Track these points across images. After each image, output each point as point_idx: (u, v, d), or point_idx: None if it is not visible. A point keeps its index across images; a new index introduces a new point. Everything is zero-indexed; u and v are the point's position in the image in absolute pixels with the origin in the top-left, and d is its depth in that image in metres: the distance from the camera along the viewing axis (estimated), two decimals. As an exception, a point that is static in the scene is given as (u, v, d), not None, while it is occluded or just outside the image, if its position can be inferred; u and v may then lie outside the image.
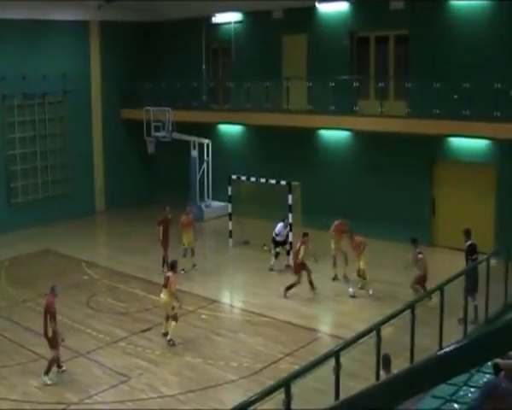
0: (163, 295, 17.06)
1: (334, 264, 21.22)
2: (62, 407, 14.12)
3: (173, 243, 22.49)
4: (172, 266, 17.55)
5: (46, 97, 29.52)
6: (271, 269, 22.00)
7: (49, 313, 15.20)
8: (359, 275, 20.01)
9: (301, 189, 23.38)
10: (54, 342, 15.23)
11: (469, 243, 17.46)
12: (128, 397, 14.38)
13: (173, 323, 16.81)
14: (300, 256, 19.64)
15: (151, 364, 15.82)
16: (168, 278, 17.09)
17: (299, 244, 19.96)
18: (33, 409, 14.08)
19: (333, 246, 21.35)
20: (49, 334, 15.17)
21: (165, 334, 17.03)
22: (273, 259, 22.14)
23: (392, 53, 25.32)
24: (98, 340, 17.30)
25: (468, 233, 17.68)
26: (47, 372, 15.12)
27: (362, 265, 19.92)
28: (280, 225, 22.09)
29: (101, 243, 24.28)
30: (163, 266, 21.80)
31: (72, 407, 14.13)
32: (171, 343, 16.67)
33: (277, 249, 22.11)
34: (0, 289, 21.59)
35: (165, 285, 17.01)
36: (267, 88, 26.76)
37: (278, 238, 22.04)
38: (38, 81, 28.87)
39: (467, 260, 17.18)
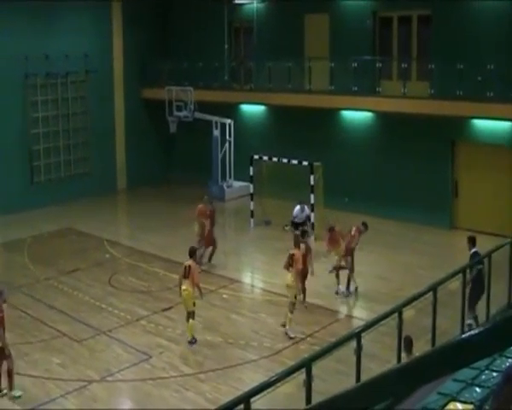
0: (186, 287, 15.66)
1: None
2: (84, 384, 14.22)
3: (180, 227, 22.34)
4: (192, 254, 16.16)
5: (68, 77, 29.61)
6: None
7: None
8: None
9: (323, 169, 23.31)
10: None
11: (474, 250, 15.65)
12: (149, 375, 14.46)
13: (191, 321, 15.80)
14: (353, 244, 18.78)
15: (172, 343, 15.89)
16: (189, 267, 15.71)
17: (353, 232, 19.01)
18: (55, 386, 14.19)
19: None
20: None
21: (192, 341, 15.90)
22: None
23: (415, 33, 25.08)
24: (119, 318, 17.41)
25: (473, 241, 15.86)
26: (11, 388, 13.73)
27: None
28: (297, 208, 21.79)
29: (123, 222, 24.41)
30: (209, 260, 21.17)
31: (94, 384, 14.22)
32: (194, 341, 15.79)
33: (296, 232, 21.74)
34: (22, 267, 21.77)
35: (187, 276, 15.62)
36: (289, 68, 26.64)
37: (297, 220, 21.86)
38: (61, 60, 28.96)
39: (470, 269, 15.02)
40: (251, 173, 24.96)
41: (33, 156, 28.76)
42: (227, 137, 29.28)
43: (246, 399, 8.47)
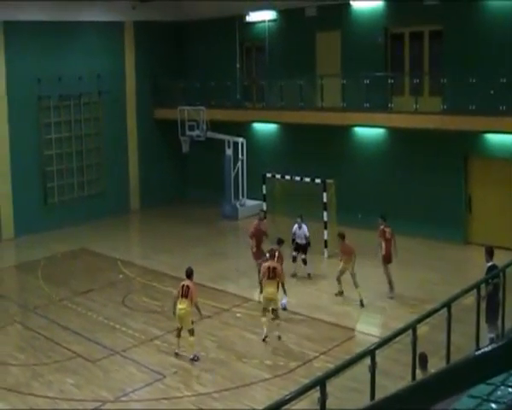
0: (184, 306, 15.75)
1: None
2: (98, 404, 14.18)
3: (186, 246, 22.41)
4: (189, 274, 16.17)
5: (81, 98, 29.80)
6: (294, 275, 21.16)
7: None
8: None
9: (336, 186, 23.26)
10: None
11: (491, 264, 15.09)
12: (163, 395, 14.41)
13: (191, 339, 15.90)
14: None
15: (185, 362, 15.83)
16: (188, 286, 15.80)
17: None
18: (70, 407, 14.14)
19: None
20: None
21: (178, 354, 16.15)
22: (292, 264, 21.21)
23: (427, 49, 25.05)
24: (133, 338, 17.38)
25: (490, 253, 15.26)
26: None
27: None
28: (295, 226, 21.36)
29: (136, 242, 24.46)
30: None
31: (108, 404, 14.18)
32: (196, 359, 15.83)
33: (293, 253, 21.25)
34: (36, 288, 21.82)
35: (185, 295, 15.70)
36: (301, 86, 26.68)
37: (298, 241, 21.34)
38: (74, 82, 29.18)
39: (487, 283, 14.46)
40: (264, 192, 24.95)
41: (47, 178, 28.90)
42: (239, 155, 29.32)
43: None
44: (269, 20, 29.51)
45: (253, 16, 29.85)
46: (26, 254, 25.66)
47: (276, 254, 17.90)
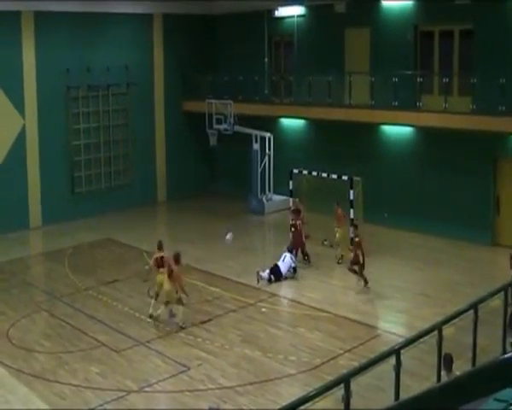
0: (166, 285, 17.42)
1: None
2: (122, 394, 14.29)
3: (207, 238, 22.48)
4: (177, 259, 17.61)
5: (110, 89, 29.98)
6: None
7: None
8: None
9: (363, 184, 23.23)
10: None
11: None
12: (187, 387, 14.48)
13: (181, 307, 17.38)
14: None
15: (210, 355, 15.92)
16: (162, 258, 17.87)
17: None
18: (94, 395, 14.28)
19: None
20: None
21: (151, 316, 17.66)
22: None
23: (457, 47, 24.90)
24: (158, 329, 17.51)
25: None
26: None
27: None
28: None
29: (162, 234, 24.43)
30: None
31: (132, 394, 14.30)
32: (184, 326, 17.28)
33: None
34: (63, 277, 22.04)
35: (169, 275, 17.34)
36: (329, 82, 26.65)
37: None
38: (102, 73, 29.40)
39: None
40: (290, 187, 24.98)
41: (75, 167, 29.15)
42: (266, 150, 29.35)
43: None
44: (298, 16, 29.48)
45: (282, 11, 29.84)
46: (52, 243, 25.93)
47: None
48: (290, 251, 21.01)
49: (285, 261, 20.84)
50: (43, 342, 17.16)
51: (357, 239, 19.78)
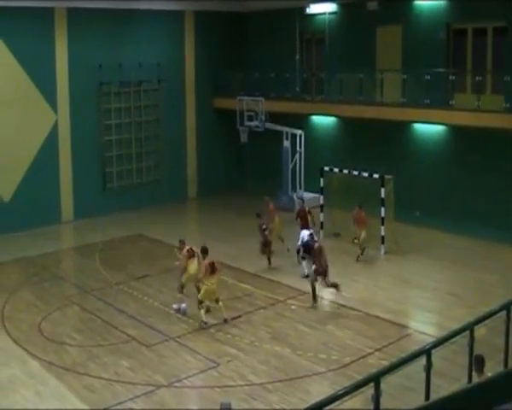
0: (214, 281, 17.53)
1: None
2: (152, 388, 14.37)
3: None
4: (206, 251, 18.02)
5: (141, 85, 30.17)
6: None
7: None
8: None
9: (394, 183, 23.11)
10: None
11: None
12: (216, 383, 14.52)
13: (220, 303, 17.69)
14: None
15: (240, 352, 15.94)
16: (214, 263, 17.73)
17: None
18: (124, 389, 14.38)
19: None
20: None
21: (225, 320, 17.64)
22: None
23: (490, 45, 24.66)
24: (188, 325, 17.56)
25: None
26: None
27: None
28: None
29: (193, 230, 24.56)
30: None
31: (162, 389, 14.37)
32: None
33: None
34: (94, 271, 22.23)
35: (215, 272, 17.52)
36: (361, 80, 26.55)
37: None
38: (134, 69, 29.60)
39: None
40: (321, 185, 24.94)
41: (106, 163, 29.38)
42: (297, 147, 29.32)
43: None
44: (329, 13, 29.41)
45: (314, 8, 29.79)
46: (84, 238, 26.18)
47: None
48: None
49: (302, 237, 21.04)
50: (74, 335, 17.32)
51: (316, 245, 18.89)
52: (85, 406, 13.78)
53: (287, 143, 29.45)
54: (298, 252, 21.26)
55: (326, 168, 24.96)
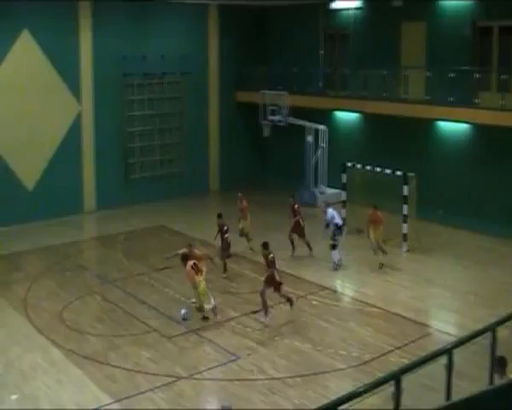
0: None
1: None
2: (172, 379, 14.45)
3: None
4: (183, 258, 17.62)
5: (164, 77, 30.24)
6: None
7: None
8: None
9: (417, 180, 22.99)
10: None
11: None
12: (236, 376, 14.59)
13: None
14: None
15: (260, 345, 15.99)
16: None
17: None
18: (144, 380, 14.47)
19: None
20: None
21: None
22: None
23: (517, 44, 24.51)
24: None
25: None
26: None
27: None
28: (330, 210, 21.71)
29: (214, 223, 24.45)
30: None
31: (182, 380, 14.44)
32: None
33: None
34: (116, 261, 22.37)
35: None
36: (384, 76, 26.45)
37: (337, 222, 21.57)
38: (157, 61, 29.70)
39: None
40: (343, 180, 24.89)
41: (128, 154, 29.51)
42: (320, 143, 29.28)
43: (333, 407, 8.40)
44: (354, 8, 29.31)
45: (338, 4, 29.72)
46: (106, 228, 26.35)
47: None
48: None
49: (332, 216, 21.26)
50: (95, 324, 17.47)
51: (271, 256, 17.64)
52: (106, 395, 13.89)
53: (309, 138, 29.42)
54: (334, 236, 21.27)
55: (348, 164, 24.90)
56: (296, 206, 22.46)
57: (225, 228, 21.33)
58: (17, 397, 14.04)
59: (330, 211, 21.52)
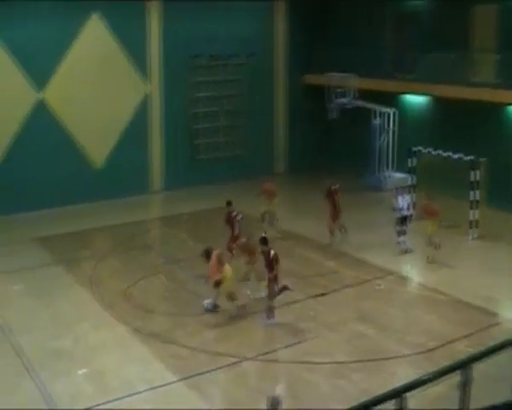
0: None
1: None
2: (236, 360, 14.47)
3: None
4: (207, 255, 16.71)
5: (230, 59, 30.26)
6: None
7: None
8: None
9: (487, 166, 22.46)
10: None
11: None
12: (300, 359, 14.51)
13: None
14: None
15: (325, 328, 15.91)
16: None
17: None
18: (209, 359, 14.54)
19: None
20: None
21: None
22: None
23: None
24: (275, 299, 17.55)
25: None
26: None
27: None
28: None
29: (279, 205, 24.42)
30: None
31: (247, 361, 14.46)
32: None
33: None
34: (181, 242, 22.54)
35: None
36: (454, 59, 25.90)
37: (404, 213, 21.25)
38: (224, 43, 29.73)
39: None
40: (409, 165, 24.52)
41: (194, 135, 29.67)
42: (386, 126, 28.90)
43: (398, 394, 8.27)
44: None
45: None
46: (171, 208, 26.59)
47: None
48: None
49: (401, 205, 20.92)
50: (160, 303, 17.66)
51: (272, 252, 16.49)
52: (170, 372, 14.02)
53: (376, 122, 29.06)
54: (400, 223, 21.00)
55: (416, 149, 24.49)
56: (333, 188, 21.96)
57: (234, 214, 20.25)
58: (85, 372, 14.28)
59: (400, 199, 21.12)
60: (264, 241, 16.59)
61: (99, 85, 27.16)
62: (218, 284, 16.42)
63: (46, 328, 16.39)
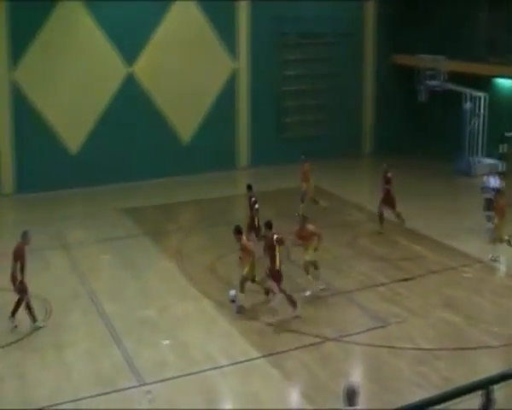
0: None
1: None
2: (319, 340, 14.51)
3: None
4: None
5: (320, 38, 30.05)
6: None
7: (18, 260, 14.81)
8: None
9: None
10: (19, 289, 14.95)
11: None
12: (383, 343, 14.41)
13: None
14: None
15: (410, 314, 15.72)
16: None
17: None
18: (293, 338, 14.58)
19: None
20: (18, 278, 14.85)
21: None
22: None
23: None
24: (358, 281, 17.54)
25: None
26: (13, 314, 15.01)
27: None
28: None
29: (366, 187, 24.09)
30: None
31: (329, 342, 14.46)
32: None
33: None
34: (265, 219, 22.40)
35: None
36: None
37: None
38: (313, 22, 29.58)
39: None
40: (501, 151, 23.90)
41: (283, 113, 29.68)
42: (477, 110, 28.20)
43: (485, 385, 8.07)
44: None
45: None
46: (257, 185, 26.28)
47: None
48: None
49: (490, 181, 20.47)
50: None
51: (276, 236, 15.87)
52: (253, 349, 14.15)
53: (467, 105, 28.37)
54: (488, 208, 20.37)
55: (507, 134, 23.82)
56: (389, 174, 21.31)
57: (253, 200, 19.68)
58: (169, 343, 14.55)
59: (492, 179, 20.64)
60: (268, 225, 16.20)
61: (187, 61, 27.53)
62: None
63: (133, 298, 16.81)
